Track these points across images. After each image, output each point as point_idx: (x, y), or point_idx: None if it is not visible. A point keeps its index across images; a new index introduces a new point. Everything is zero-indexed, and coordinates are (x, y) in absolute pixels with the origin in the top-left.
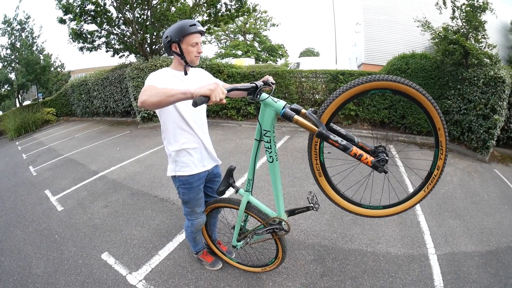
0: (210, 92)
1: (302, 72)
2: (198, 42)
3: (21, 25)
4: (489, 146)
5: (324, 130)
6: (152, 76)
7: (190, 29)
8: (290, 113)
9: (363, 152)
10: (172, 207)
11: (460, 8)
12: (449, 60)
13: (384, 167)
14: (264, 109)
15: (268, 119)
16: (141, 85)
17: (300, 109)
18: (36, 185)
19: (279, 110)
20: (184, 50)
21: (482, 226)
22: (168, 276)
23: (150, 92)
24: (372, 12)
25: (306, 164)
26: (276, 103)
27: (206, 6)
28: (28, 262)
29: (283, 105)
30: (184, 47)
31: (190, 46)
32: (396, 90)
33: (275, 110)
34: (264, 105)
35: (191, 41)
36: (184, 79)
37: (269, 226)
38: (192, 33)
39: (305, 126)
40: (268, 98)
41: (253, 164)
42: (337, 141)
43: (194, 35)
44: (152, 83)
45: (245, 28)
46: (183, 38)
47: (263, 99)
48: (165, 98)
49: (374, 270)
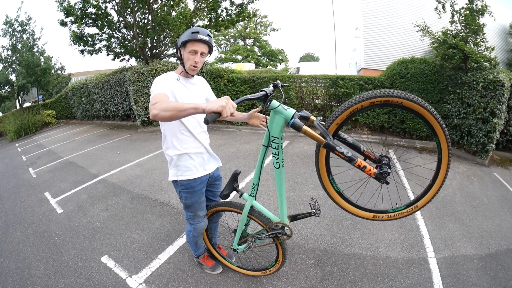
0: (222, 108)
1: (302, 77)
2: (198, 51)
3: (22, 26)
4: (488, 149)
5: (331, 141)
6: (159, 82)
7: (191, 36)
8: (299, 124)
9: (366, 164)
10: (172, 211)
11: (459, 12)
12: (448, 65)
13: (385, 179)
14: (274, 116)
15: (277, 126)
16: (141, 89)
17: (309, 116)
18: (36, 187)
19: (289, 118)
20: (184, 57)
21: (481, 229)
22: (168, 279)
23: (162, 106)
24: (371, 17)
25: (306, 169)
26: (286, 110)
27: (207, 11)
28: (28, 264)
29: (292, 113)
30: (184, 53)
31: (189, 53)
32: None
33: (284, 117)
34: (274, 112)
35: (190, 48)
36: (188, 86)
37: (271, 231)
38: (191, 40)
39: (313, 137)
40: (278, 106)
41: (259, 169)
42: (342, 153)
43: (194, 43)
44: (160, 90)
45: (245, 33)
46: (184, 44)
47: (273, 107)
48: (177, 113)
49: (373, 274)
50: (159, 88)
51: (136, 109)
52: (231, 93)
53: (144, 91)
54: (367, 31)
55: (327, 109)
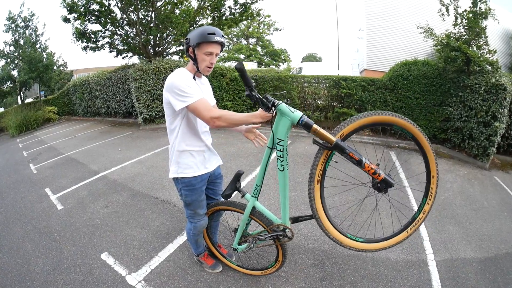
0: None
1: (305, 77)
2: (214, 52)
3: (25, 22)
4: (489, 153)
5: (341, 142)
6: (188, 83)
7: (208, 38)
8: (310, 122)
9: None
10: (173, 208)
11: (462, 15)
12: (451, 67)
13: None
14: (280, 118)
15: (283, 129)
16: (143, 86)
17: (311, 125)
18: (36, 183)
19: (295, 121)
20: (198, 57)
21: (481, 232)
22: (167, 277)
23: (230, 120)
24: (375, 18)
25: (307, 169)
26: (293, 113)
27: (211, 10)
28: (27, 259)
29: (300, 116)
30: (198, 54)
31: (204, 54)
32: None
33: (291, 120)
34: (280, 114)
35: (205, 50)
36: (201, 87)
37: (272, 233)
38: (208, 42)
39: (323, 136)
40: (285, 107)
41: (263, 171)
42: (354, 154)
43: (211, 44)
44: (199, 95)
45: (248, 32)
46: (199, 44)
47: (280, 108)
48: (233, 126)
49: (373, 275)
50: (194, 91)
51: (138, 106)
52: (233, 92)
53: (146, 88)
54: (370, 32)
55: (329, 110)
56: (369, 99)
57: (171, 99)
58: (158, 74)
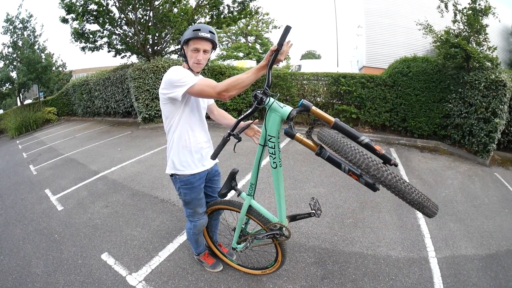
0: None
1: (304, 75)
2: (200, 49)
3: (23, 24)
4: (489, 149)
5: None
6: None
7: (193, 34)
8: (292, 132)
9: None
10: (173, 208)
11: (462, 12)
12: (450, 64)
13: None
14: (270, 114)
15: (273, 125)
16: (142, 85)
17: (310, 107)
18: (36, 184)
19: (285, 116)
20: (187, 54)
21: (482, 229)
22: (168, 277)
23: (234, 86)
24: (374, 15)
25: (307, 166)
26: (282, 108)
27: (209, 8)
28: (28, 261)
29: (289, 112)
30: (187, 51)
31: (191, 51)
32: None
33: (280, 115)
34: (270, 110)
35: (192, 46)
36: None
37: (269, 231)
38: (193, 38)
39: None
40: (273, 103)
41: (256, 169)
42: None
43: (197, 40)
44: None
45: (247, 30)
46: (187, 41)
47: (269, 104)
48: (244, 88)
49: (374, 273)
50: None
51: (137, 106)
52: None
53: (145, 87)
54: (369, 29)
55: (329, 107)
56: (369, 96)
57: (172, 92)
58: (157, 73)
